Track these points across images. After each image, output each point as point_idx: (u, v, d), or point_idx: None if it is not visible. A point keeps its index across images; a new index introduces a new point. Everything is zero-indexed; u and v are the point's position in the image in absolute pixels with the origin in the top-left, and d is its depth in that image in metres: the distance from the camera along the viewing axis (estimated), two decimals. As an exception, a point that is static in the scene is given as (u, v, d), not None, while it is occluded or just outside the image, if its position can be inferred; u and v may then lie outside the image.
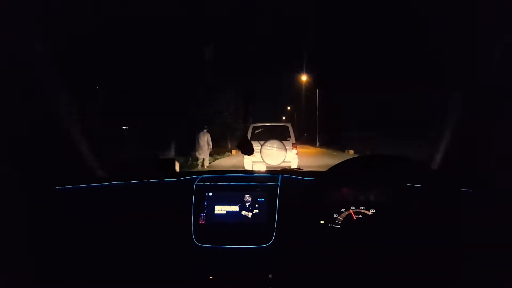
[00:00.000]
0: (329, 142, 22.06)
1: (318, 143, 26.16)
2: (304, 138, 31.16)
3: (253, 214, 1.30)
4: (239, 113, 18.43)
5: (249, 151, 1.49)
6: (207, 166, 9.77)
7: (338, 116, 20.80)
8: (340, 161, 1.29)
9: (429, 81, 1.39)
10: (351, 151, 15.41)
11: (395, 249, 1.14)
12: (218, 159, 13.43)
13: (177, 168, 1.49)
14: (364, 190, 1.29)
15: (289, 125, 8.18)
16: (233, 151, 15.02)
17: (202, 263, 1.27)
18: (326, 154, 16.68)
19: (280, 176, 1.38)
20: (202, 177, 1.40)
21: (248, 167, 6.24)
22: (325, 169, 1.35)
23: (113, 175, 1.48)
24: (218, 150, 15.80)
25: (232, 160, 12.57)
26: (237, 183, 1.38)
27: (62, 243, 1.28)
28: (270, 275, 1.21)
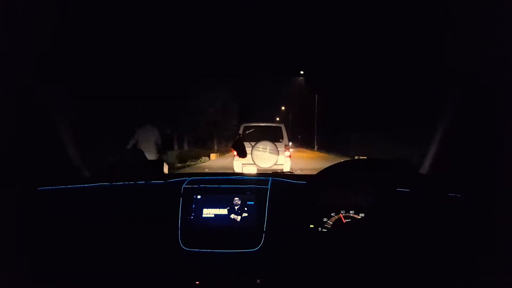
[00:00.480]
0: (329, 145, 19.73)
1: (316, 146, 23.90)
2: (299, 140, 29.52)
3: (242, 218, 1.28)
4: (228, 110, 17.43)
5: (242, 153, 1.47)
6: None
7: (337, 116, 18.69)
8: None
9: (425, 82, 1.39)
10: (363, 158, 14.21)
11: (384, 254, 1.13)
12: (190, 165, 11.36)
13: (166, 170, 1.46)
14: (353, 194, 1.29)
15: (282, 125, 7.91)
16: (212, 155, 13.80)
17: (188, 268, 1.24)
18: (329, 160, 13.55)
19: (271, 179, 1.37)
20: (190, 180, 1.37)
21: (237, 169, 5.86)
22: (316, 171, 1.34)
23: (100, 176, 1.45)
24: (197, 152, 14.79)
25: (212, 165, 11.23)
26: (226, 186, 1.36)
27: (45, 244, 1.24)
28: (258, 280, 1.19)
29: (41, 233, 1.25)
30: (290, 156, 7.12)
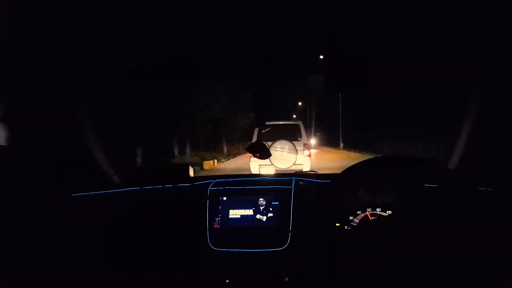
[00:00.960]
0: (356, 143, 18.55)
1: (342, 144, 22.48)
2: (320, 138, 28.01)
3: (267, 218, 1.30)
4: (236, 104, 15.68)
5: (265, 154, 1.46)
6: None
7: (364, 111, 17.11)
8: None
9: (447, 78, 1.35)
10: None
11: (412, 252, 1.12)
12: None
13: (191, 173, 1.50)
14: (379, 191, 1.27)
15: (300, 123, 7.58)
16: (205, 164, 11.97)
17: (218, 267, 1.27)
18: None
19: (294, 179, 1.38)
20: (216, 182, 1.41)
21: (254, 171, 5.89)
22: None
23: (129, 181, 1.51)
24: (202, 157, 13.35)
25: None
26: (250, 187, 1.38)
27: (80, 249, 1.31)
28: (286, 278, 1.21)
29: (76, 238, 1.31)
30: (309, 155, 6.91)
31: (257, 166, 6.14)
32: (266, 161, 1.68)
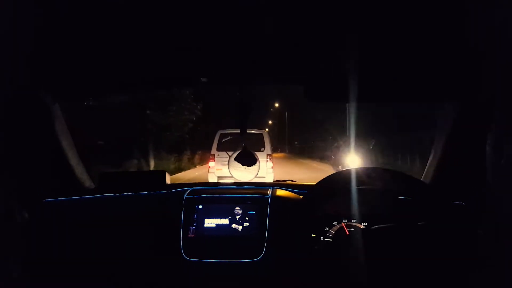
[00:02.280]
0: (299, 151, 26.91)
1: (287, 150, 36.55)
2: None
3: (243, 227, 1.28)
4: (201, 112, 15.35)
5: (251, 162, 1.46)
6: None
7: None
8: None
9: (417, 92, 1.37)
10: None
11: (386, 262, 1.13)
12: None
13: (168, 180, 1.47)
14: (355, 203, 1.28)
15: (264, 132, 7.10)
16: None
17: (191, 278, 1.24)
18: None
19: (271, 188, 1.37)
20: (192, 189, 1.38)
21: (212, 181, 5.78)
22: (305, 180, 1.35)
23: (102, 187, 1.46)
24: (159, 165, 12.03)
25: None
26: (227, 196, 1.36)
27: (50, 254, 1.26)
28: None
29: (46, 243, 1.26)
30: (273, 167, 6.51)
31: (215, 177, 5.83)
32: (226, 173, 1.63)
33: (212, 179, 5.64)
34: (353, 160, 9.54)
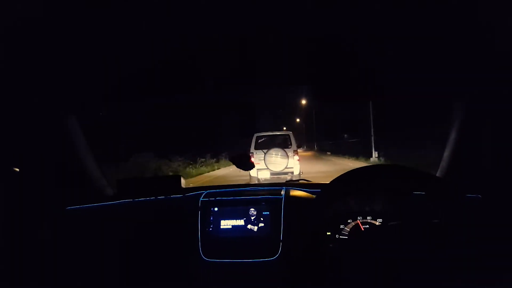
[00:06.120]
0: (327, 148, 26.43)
1: (316, 148, 36.07)
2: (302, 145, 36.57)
3: (258, 228, 1.31)
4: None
5: (248, 166, 1.50)
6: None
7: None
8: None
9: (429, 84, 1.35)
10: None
11: (402, 259, 1.12)
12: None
13: (183, 184, 1.51)
14: (369, 200, 1.28)
15: (290, 133, 8.56)
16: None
17: (209, 278, 1.27)
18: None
19: (284, 189, 1.39)
20: (207, 193, 1.41)
21: (253, 174, 6.65)
22: (325, 175, 1.36)
23: (121, 193, 1.51)
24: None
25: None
26: (241, 198, 1.39)
27: (73, 261, 1.30)
28: None
29: (69, 251, 1.31)
30: (299, 160, 7.95)
31: (255, 170, 6.96)
32: (263, 166, 1.74)
33: (253, 172, 6.70)
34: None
